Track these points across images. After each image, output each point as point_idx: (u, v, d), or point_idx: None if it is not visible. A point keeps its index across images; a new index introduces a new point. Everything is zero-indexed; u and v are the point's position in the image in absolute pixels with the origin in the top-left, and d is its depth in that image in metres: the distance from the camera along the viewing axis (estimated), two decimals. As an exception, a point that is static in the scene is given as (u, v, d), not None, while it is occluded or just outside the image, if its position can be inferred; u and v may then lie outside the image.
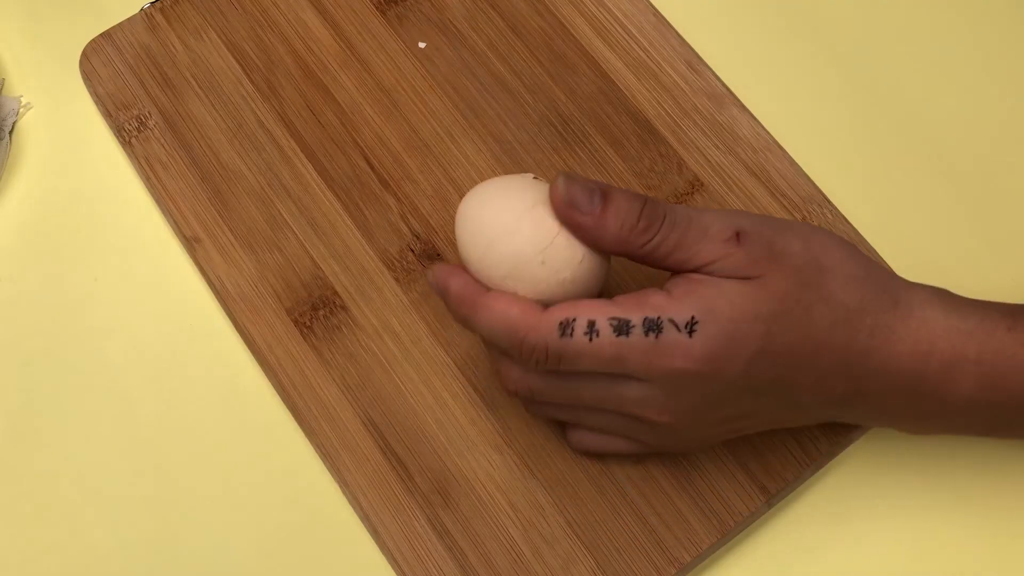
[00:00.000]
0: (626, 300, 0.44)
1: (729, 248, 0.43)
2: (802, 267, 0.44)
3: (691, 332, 0.43)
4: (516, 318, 0.44)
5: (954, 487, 0.53)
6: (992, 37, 0.63)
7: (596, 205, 0.44)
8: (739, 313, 0.43)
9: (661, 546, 0.50)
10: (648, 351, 0.43)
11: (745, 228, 0.44)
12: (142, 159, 0.58)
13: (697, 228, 0.44)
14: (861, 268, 0.46)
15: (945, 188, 0.59)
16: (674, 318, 0.43)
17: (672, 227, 0.44)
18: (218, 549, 0.52)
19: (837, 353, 0.45)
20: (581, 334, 0.43)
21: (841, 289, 0.44)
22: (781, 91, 0.61)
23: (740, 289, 0.43)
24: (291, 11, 0.62)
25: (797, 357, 0.44)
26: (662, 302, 0.43)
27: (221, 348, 0.55)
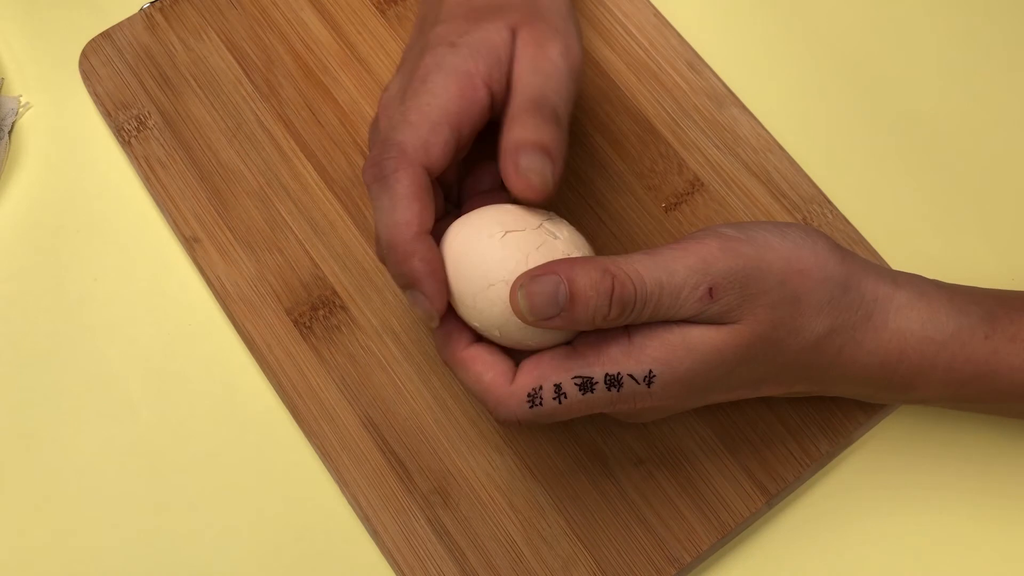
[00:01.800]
0: (586, 348, 0.44)
1: (703, 305, 0.43)
2: (776, 304, 0.44)
3: (650, 384, 0.43)
4: (487, 387, 0.44)
5: (955, 487, 0.53)
6: (992, 37, 0.63)
7: (562, 306, 0.42)
8: (700, 364, 0.44)
9: (661, 546, 0.50)
10: (613, 400, 0.44)
11: (718, 282, 0.43)
12: (141, 159, 0.58)
13: (669, 295, 0.43)
14: (837, 286, 0.45)
15: (945, 188, 0.59)
16: (633, 373, 0.43)
17: (644, 304, 0.43)
18: (218, 549, 0.52)
19: (803, 369, 0.46)
20: (550, 399, 0.43)
21: (812, 317, 0.45)
22: (781, 91, 0.61)
23: (707, 339, 0.43)
24: (291, 11, 0.62)
25: (762, 378, 0.46)
26: (620, 355, 0.43)
27: (221, 348, 0.55)
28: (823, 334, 0.45)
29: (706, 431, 0.52)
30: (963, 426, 0.54)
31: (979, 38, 0.63)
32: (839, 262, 0.46)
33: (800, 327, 0.45)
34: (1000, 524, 0.52)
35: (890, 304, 0.46)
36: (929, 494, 0.53)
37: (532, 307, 0.42)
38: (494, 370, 0.45)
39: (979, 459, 0.53)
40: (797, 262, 0.45)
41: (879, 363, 0.46)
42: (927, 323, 0.46)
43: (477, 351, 0.45)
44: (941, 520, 0.52)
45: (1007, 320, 0.47)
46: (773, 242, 0.45)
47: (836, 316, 0.45)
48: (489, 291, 0.44)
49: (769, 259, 0.44)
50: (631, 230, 0.56)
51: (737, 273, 0.43)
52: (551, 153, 0.45)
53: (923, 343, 0.46)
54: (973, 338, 0.46)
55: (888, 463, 0.53)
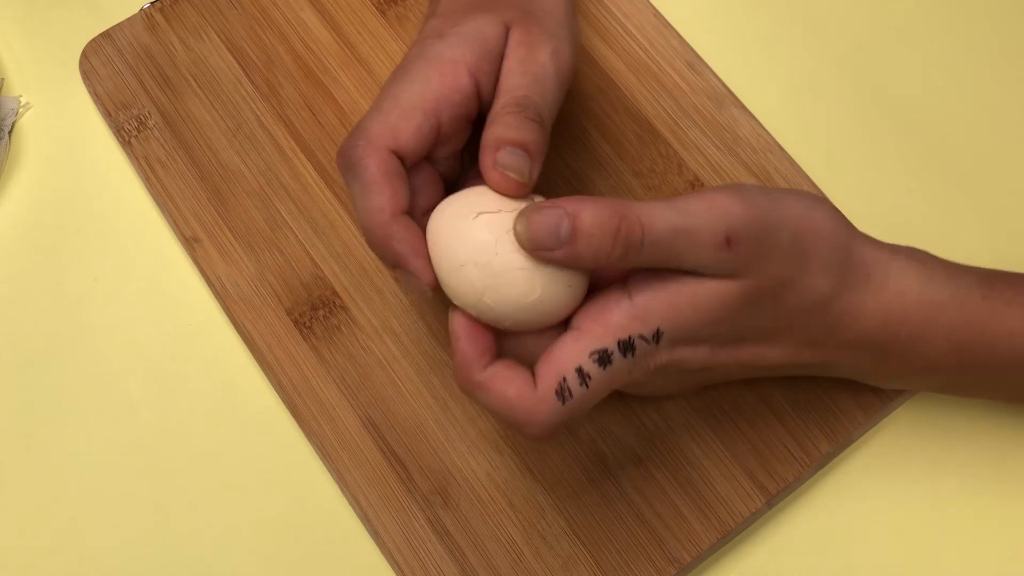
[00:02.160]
0: (591, 324, 0.43)
1: (719, 255, 0.43)
2: (786, 262, 0.44)
3: (659, 341, 0.43)
4: (513, 402, 0.43)
5: (955, 487, 0.53)
6: (993, 37, 0.63)
7: (564, 239, 0.42)
8: (705, 316, 0.44)
9: (661, 546, 0.50)
10: (631, 368, 0.44)
11: (736, 231, 0.42)
12: (141, 159, 0.58)
13: (683, 237, 0.42)
14: (842, 249, 0.46)
15: (945, 187, 0.59)
16: (643, 334, 0.43)
17: (656, 245, 0.42)
18: (218, 549, 0.52)
19: (806, 330, 0.46)
20: (577, 386, 0.43)
21: (818, 277, 0.45)
22: (781, 91, 0.61)
23: (715, 293, 0.43)
24: (291, 11, 0.62)
25: (765, 332, 0.46)
26: (626, 319, 0.43)
27: (221, 348, 0.55)
28: (828, 294, 0.45)
29: (706, 431, 0.52)
30: (963, 427, 0.54)
31: (980, 38, 0.63)
32: (844, 227, 0.47)
33: (806, 286, 0.45)
34: (1000, 525, 0.52)
35: (889, 267, 0.47)
36: (929, 494, 0.53)
37: (531, 235, 0.42)
38: (516, 383, 0.43)
39: (979, 460, 0.53)
40: (810, 220, 0.45)
41: (881, 325, 0.46)
42: (925, 284, 0.47)
43: (495, 370, 0.44)
44: (941, 520, 0.52)
45: (1004, 285, 0.48)
46: (788, 200, 0.45)
47: (840, 277, 0.46)
48: (460, 271, 0.44)
49: (785, 212, 0.45)
50: (631, 230, 0.56)
51: (755, 223, 0.43)
52: (531, 152, 0.45)
53: (923, 304, 0.47)
54: (971, 299, 0.47)
55: (888, 463, 0.53)
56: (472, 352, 0.44)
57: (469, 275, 0.44)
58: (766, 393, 0.53)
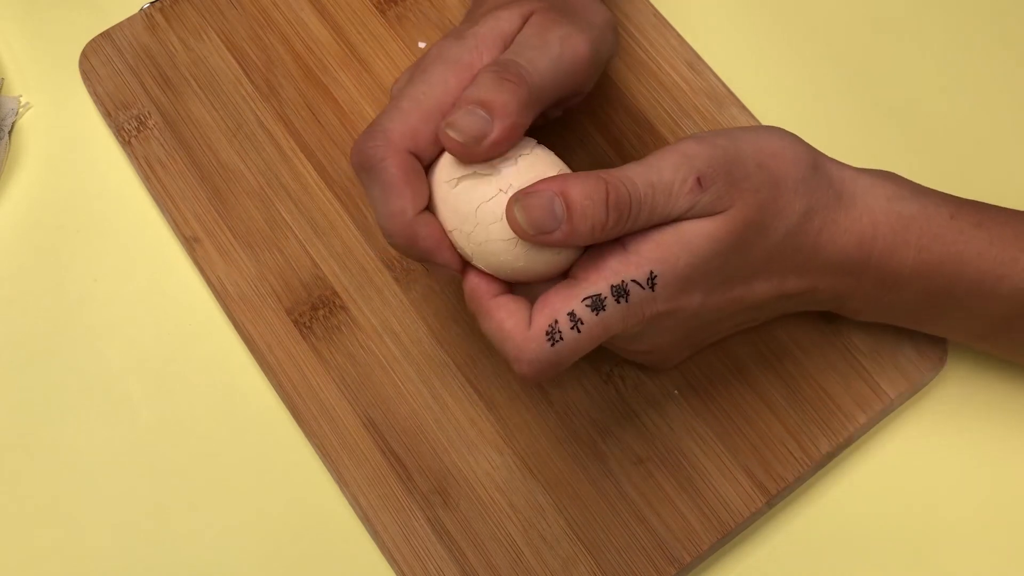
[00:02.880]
0: (586, 272, 0.44)
1: (694, 196, 0.44)
2: (759, 187, 0.45)
3: (653, 286, 0.44)
4: (508, 334, 0.44)
5: (955, 488, 0.53)
6: (993, 37, 0.63)
7: (560, 218, 0.43)
8: (696, 257, 0.44)
9: (661, 546, 0.50)
10: (624, 314, 0.44)
11: (703, 170, 0.44)
12: (141, 159, 0.58)
13: (661, 193, 0.44)
14: (808, 167, 0.47)
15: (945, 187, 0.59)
16: (636, 278, 0.44)
17: (640, 207, 0.43)
18: (218, 549, 0.52)
19: (790, 257, 0.47)
20: (568, 329, 0.43)
21: (792, 198, 0.46)
22: (781, 91, 0.61)
23: (701, 230, 0.44)
24: (291, 11, 0.62)
25: (754, 269, 0.47)
26: (619, 264, 0.44)
27: (221, 348, 0.55)
28: (803, 213, 0.46)
29: (706, 431, 0.52)
30: (963, 428, 0.54)
31: (980, 38, 0.63)
32: (804, 147, 0.47)
33: (782, 208, 0.46)
34: (999, 527, 0.52)
35: (856, 184, 0.48)
36: (928, 494, 0.53)
37: (532, 221, 0.43)
38: (515, 317, 0.44)
39: (979, 460, 0.53)
40: (768, 146, 0.46)
41: (856, 242, 0.47)
42: (892, 199, 0.48)
43: (503, 300, 0.45)
44: (941, 520, 0.52)
45: (971, 208, 0.49)
46: (745, 133, 0.47)
47: (811, 195, 0.46)
48: (451, 235, 0.45)
49: (743, 146, 0.46)
50: (631, 230, 0.56)
51: (718, 159, 0.44)
52: (495, 111, 0.45)
53: (892, 218, 0.48)
54: (939, 215, 0.48)
55: (888, 464, 0.53)
56: (483, 278, 0.46)
57: (458, 240, 0.45)
58: (766, 393, 0.53)
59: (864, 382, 0.53)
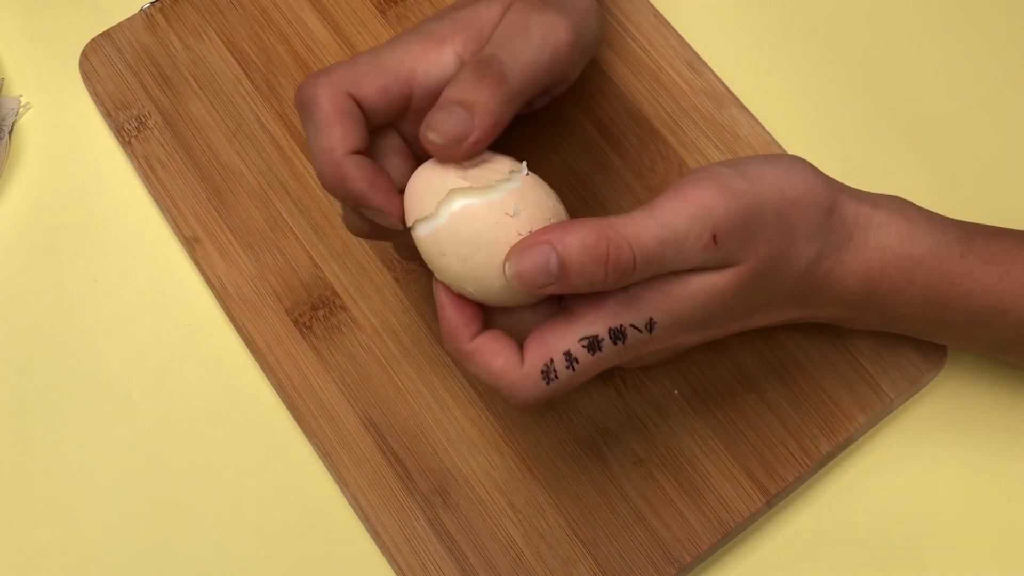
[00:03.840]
0: (584, 308, 0.43)
1: (707, 254, 0.43)
2: (774, 237, 0.44)
3: (651, 330, 0.44)
4: (498, 375, 0.43)
5: (955, 487, 0.53)
6: (993, 37, 0.63)
7: (555, 275, 0.41)
8: (699, 308, 0.44)
9: (661, 546, 0.50)
10: (619, 353, 0.44)
11: (720, 227, 0.42)
12: (141, 159, 0.58)
13: (671, 248, 0.42)
14: (824, 211, 0.46)
15: (944, 188, 0.59)
16: (635, 323, 0.43)
17: (647, 263, 0.42)
18: (218, 549, 0.52)
19: (795, 296, 0.47)
20: (563, 369, 0.43)
21: (804, 245, 0.45)
22: (781, 91, 0.61)
23: (708, 284, 0.44)
24: (291, 11, 0.62)
25: (756, 308, 0.47)
26: (620, 307, 0.43)
27: (221, 348, 0.55)
28: (813, 259, 0.46)
29: (706, 431, 0.52)
30: (964, 428, 0.54)
31: (980, 38, 0.63)
32: (825, 187, 0.46)
33: (793, 256, 0.45)
34: (1000, 525, 0.52)
35: (870, 223, 0.47)
36: (929, 494, 0.53)
37: (523, 282, 0.42)
38: (502, 357, 0.43)
39: (979, 461, 0.53)
40: (791, 191, 0.45)
41: (862, 281, 0.47)
42: (905, 238, 0.47)
43: (482, 341, 0.44)
44: (940, 520, 0.52)
45: (983, 242, 0.48)
46: (767, 173, 0.45)
47: (823, 239, 0.46)
48: (441, 259, 0.43)
49: (765, 192, 0.44)
50: (631, 230, 0.56)
51: (737, 214, 0.43)
52: (475, 110, 0.44)
53: (901, 259, 0.47)
54: (949, 256, 0.47)
55: (887, 464, 0.53)
56: (459, 321, 0.44)
57: (450, 264, 0.43)
58: (766, 393, 0.53)
59: (864, 382, 0.53)
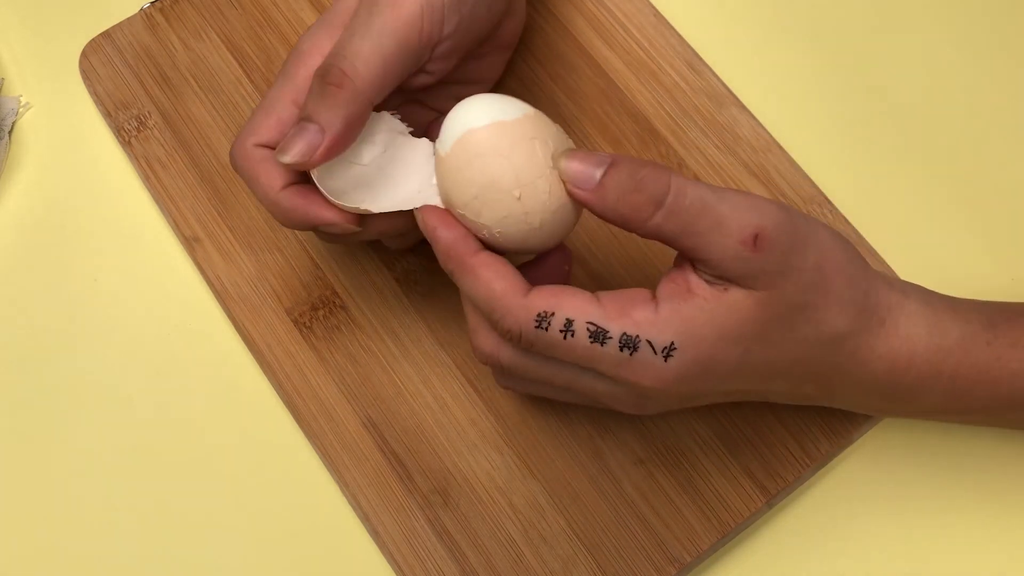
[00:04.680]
0: (611, 303, 0.42)
1: (743, 252, 0.42)
2: (807, 286, 0.43)
3: (667, 357, 0.42)
4: (497, 294, 0.43)
5: (955, 487, 0.53)
6: (993, 37, 0.63)
7: (595, 180, 0.42)
8: (722, 338, 0.42)
9: (661, 546, 0.50)
10: (620, 364, 0.42)
11: (766, 230, 0.42)
12: (141, 159, 0.58)
13: (710, 218, 0.41)
14: (860, 290, 0.45)
15: (945, 188, 0.59)
16: (652, 340, 0.42)
17: (678, 211, 0.41)
18: (218, 549, 0.52)
19: (814, 367, 0.45)
20: (557, 330, 0.42)
21: (835, 313, 0.44)
22: (781, 91, 0.61)
23: (733, 307, 0.42)
24: (291, 11, 0.62)
25: (773, 369, 0.45)
26: (644, 320, 0.42)
27: (221, 348, 0.55)
28: (842, 332, 0.45)
29: (706, 431, 0.52)
30: (962, 428, 0.54)
31: (980, 38, 0.63)
32: (863, 267, 0.46)
33: (822, 319, 0.44)
34: (1001, 524, 0.52)
35: (901, 312, 0.46)
36: (929, 494, 0.53)
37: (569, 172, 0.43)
38: (507, 279, 0.43)
39: (979, 460, 0.53)
40: (835, 256, 0.44)
41: (888, 368, 0.46)
42: (933, 330, 0.46)
43: (488, 258, 0.44)
44: (941, 520, 0.52)
45: (1007, 327, 0.47)
46: (822, 231, 0.45)
47: (856, 318, 0.45)
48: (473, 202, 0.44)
49: (816, 236, 0.44)
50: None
51: (786, 229, 0.42)
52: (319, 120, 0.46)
53: (930, 350, 0.46)
54: (976, 344, 0.46)
55: (888, 463, 0.53)
56: (459, 233, 0.44)
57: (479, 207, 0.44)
58: (766, 393, 0.53)
59: (864, 382, 0.53)
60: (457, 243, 0.44)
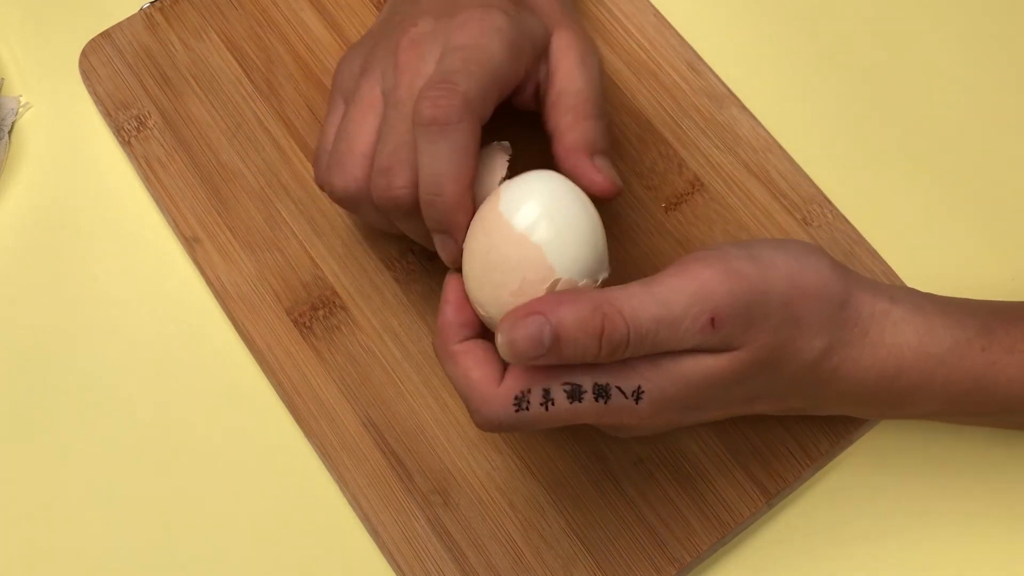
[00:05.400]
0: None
1: (704, 336, 0.42)
2: (778, 327, 0.43)
3: (637, 400, 0.42)
4: (474, 384, 0.43)
5: (955, 487, 0.53)
6: (993, 37, 0.63)
7: (547, 347, 0.41)
8: (693, 388, 0.43)
9: (661, 546, 0.50)
10: (599, 412, 0.43)
11: (720, 311, 0.41)
12: (141, 159, 0.58)
13: (666, 327, 0.41)
14: (836, 306, 0.44)
15: (945, 188, 0.59)
16: (621, 387, 0.42)
17: (640, 341, 0.41)
18: (218, 549, 0.52)
19: (799, 387, 0.45)
20: (537, 404, 0.42)
21: (811, 338, 0.44)
22: (781, 91, 0.61)
23: (704, 367, 0.42)
24: (291, 11, 0.62)
25: (756, 395, 0.45)
26: (611, 368, 0.42)
27: (221, 348, 0.55)
28: (821, 353, 0.44)
29: (706, 431, 0.52)
30: (962, 428, 0.54)
31: (980, 38, 0.63)
32: (839, 279, 0.45)
33: (799, 349, 0.44)
34: (1001, 524, 0.52)
35: (886, 320, 0.45)
36: (929, 495, 0.53)
37: (515, 351, 0.41)
38: (483, 369, 0.43)
39: (979, 461, 0.53)
40: (801, 280, 0.43)
41: (875, 379, 0.45)
42: (924, 337, 0.45)
43: (470, 346, 0.44)
44: (941, 520, 0.52)
45: (1003, 332, 0.46)
46: (778, 261, 0.43)
47: (832, 333, 0.44)
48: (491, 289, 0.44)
49: (773, 280, 0.43)
50: (631, 230, 0.56)
51: (740, 299, 0.42)
52: (608, 152, 0.48)
53: (920, 358, 0.45)
54: (970, 351, 0.46)
55: (888, 464, 0.53)
56: (455, 320, 0.45)
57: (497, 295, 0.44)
58: (766, 393, 0.53)
59: (864, 382, 0.53)
60: (446, 328, 0.45)
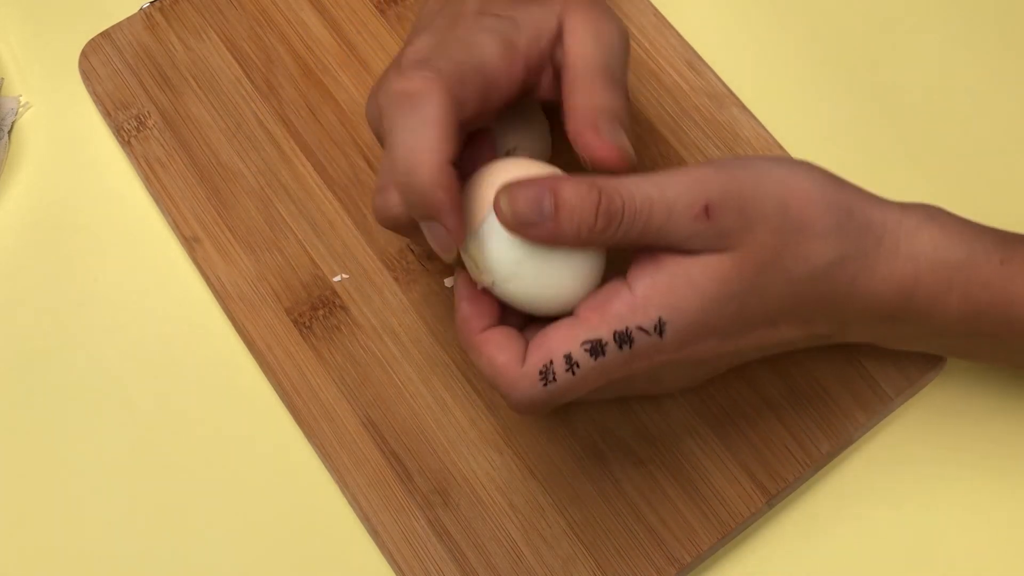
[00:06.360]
0: (590, 311, 0.43)
1: (698, 225, 0.42)
2: (778, 229, 0.43)
3: (661, 333, 0.42)
4: (499, 370, 0.43)
5: (956, 487, 0.53)
6: (993, 37, 0.63)
7: (547, 215, 0.41)
8: (708, 301, 0.42)
9: (661, 546, 0.50)
10: (627, 360, 0.43)
11: (714, 199, 0.42)
12: (141, 159, 0.58)
13: (661, 209, 0.42)
14: (842, 213, 0.44)
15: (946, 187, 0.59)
16: (642, 325, 0.42)
17: (634, 217, 0.41)
18: (217, 549, 0.52)
19: (819, 302, 0.45)
20: (563, 371, 0.42)
21: (820, 244, 0.44)
22: (781, 91, 0.61)
23: (709, 270, 0.42)
24: (291, 11, 0.62)
25: (775, 315, 0.45)
26: (625, 309, 0.42)
27: (221, 348, 0.55)
28: (834, 260, 0.44)
29: (706, 431, 0.52)
30: (964, 428, 0.54)
31: (980, 37, 0.63)
32: (837, 189, 0.45)
33: (808, 253, 0.43)
34: (1002, 524, 0.52)
35: (900, 229, 0.45)
36: (929, 494, 0.53)
37: (515, 211, 0.41)
38: (507, 352, 0.43)
39: (979, 460, 0.53)
40: (796, 186, 0.44)
41: (895, 290, 0.45)
42: (939, 246, 0.45)
43: (491, 334, 0.44)
44: (941, 520, 0.52)
45: (1022, 247, 0.46)
46: (772, 169, 0.44)
47: (845, 242, 0.44)
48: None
49: (766, 184, 0.43)
50: (631, 230, 0.56)
51: (733, 192, 0.42)
52: (623, 123, 0.45)
53: (937, 266, 0.45)
54: (988, 262, 0.45)
55: (888, 463, 0.53)
56: (473, 312, 0.44)
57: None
58: (766, 393, 0.53)
59: (864, 382, 0.53)
60: (465, 322, 0.45)
